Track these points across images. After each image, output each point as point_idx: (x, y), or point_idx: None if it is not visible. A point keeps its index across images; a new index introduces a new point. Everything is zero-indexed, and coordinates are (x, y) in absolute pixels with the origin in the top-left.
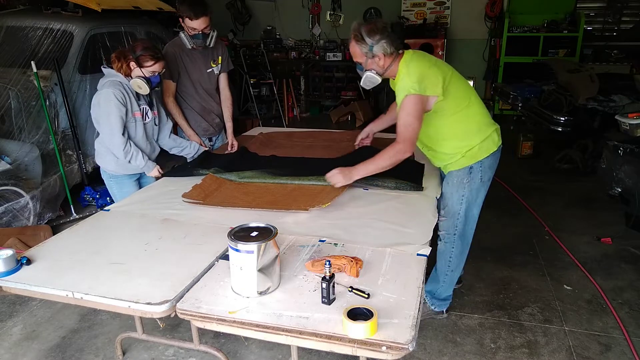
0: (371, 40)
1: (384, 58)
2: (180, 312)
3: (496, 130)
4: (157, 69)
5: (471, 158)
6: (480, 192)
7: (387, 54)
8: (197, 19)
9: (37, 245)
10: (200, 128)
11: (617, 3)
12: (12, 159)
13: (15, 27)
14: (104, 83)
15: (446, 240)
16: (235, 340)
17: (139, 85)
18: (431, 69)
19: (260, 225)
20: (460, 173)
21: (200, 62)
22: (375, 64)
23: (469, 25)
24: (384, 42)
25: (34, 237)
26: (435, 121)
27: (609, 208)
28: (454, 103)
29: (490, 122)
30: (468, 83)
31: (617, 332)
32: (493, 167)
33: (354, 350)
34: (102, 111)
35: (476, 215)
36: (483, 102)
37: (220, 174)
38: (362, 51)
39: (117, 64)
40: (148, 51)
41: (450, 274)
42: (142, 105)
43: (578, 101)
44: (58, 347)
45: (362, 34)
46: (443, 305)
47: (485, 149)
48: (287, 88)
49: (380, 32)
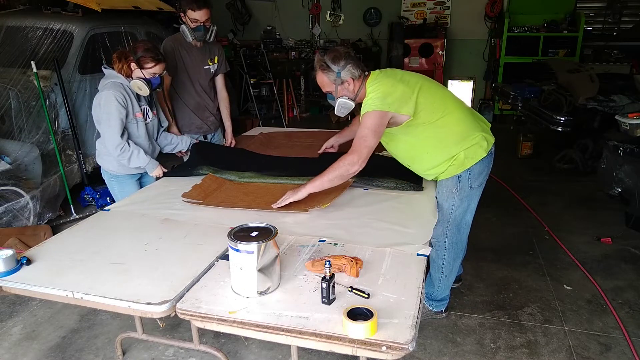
0: (337, 67)
1: (353, 82)
2: (180, 312)
3: (484, 136)
4: (158, 71)
5: (459, 167)
6: (472, 199)
7: (355, 77)
8: (199, 10)
9: (37, 245)
10: (194, 125)
11: (617, 3)
12: (12, 159)
13: (15, 27)
14: (105, 84)
15: (437, 248)
16: (235, 340)
17: (139, 86)
18: (396, 86)
19: (260, 225)
20: (449, 182)
21: (197, 59)
22: (346, 89)
23: (469, 25)
24: (349, 66)
25: (34, 237)
26: (409, 136)
27: (609, 208)
28: (426, 114)
29: (475, 127)
30: (446, 90)
31: (617, 332)
32: (484, 172)
33: (354, 350)
34: (103, 112)
35: (469, 222)
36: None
37: (220, 173)
38: (330, 79)
39: (118, 64)
40: (149, 53)
41: (444, 279)
42: (143, 106)
43: (578, 101)
44: (58, 347)
45: (326, 63)
46: (441, 305)
47: (471, 157)
48: (287, 88)
49: (344, 57)
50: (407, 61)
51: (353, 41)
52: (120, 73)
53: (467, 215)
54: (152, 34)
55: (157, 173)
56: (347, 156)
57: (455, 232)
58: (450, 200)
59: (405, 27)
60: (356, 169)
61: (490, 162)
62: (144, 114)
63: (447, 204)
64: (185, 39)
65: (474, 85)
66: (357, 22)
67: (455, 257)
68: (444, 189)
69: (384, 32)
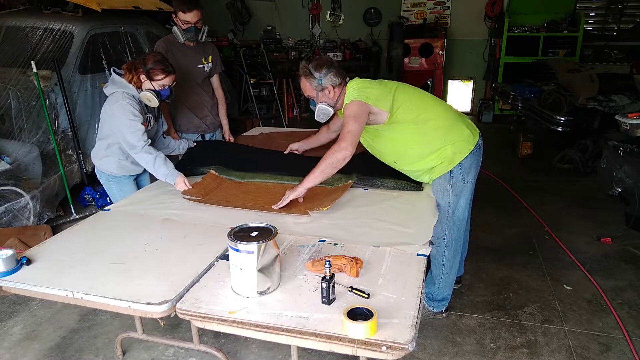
0: (319, 74)
1: (333, 90)
2: (180, 312)
3: (469, 130)
4: (168, 83)
5: (448, 164)
6: (465, 194)
7: (335, 85)
8: (189, 11)
9: (37, 245)
10: (192, 125)
11: (617, 3)
12: (12, 159)
13: (15, 27)
14: (116, 92)
15: (438, 244)
16: (235, 340)
17: (148, 98)
18: (372, 84)
19: (260, 225)
20: (442, 180)
21: (191, 58)
22: (326, 96)
23: (469, 25)
24: (331, 74)
25: (34, 237)
26: (393, 132)
27: (609, 208)
28: (405, 111)
29: (458, 121)
30: (422, 92)
31: (617, 332)
32: (475, 166)
33: (354, 350)
34: (122, 123)
35: (466, 217)
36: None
37: (221, 171)
38: (312, 85)
39: (129, 75)
40: (159, 65)
41: (445, 277)
42: (147, 115)
43: (578, 101)
44: (58, 347)
45: (310, 70)
46: (441, 306)
47: (459, 152)
48: (287, 88)
49: (326, 66)
50: (407, 61)
51: (353, 41)
52: (131, 83)
53: (463, 211)
54: (152, 34)
55: (181, 187)
56: (333, 146)
57: (454, 229)
58: (446, 198)
59: (405, 27)
60: (345, 155)
61: (480, 155)
62: (148, 123)
63: (443, 202)
64: (177, 40)
65: (474, 86)
66: (357, 22)
67: (455, 254)
68: (438, 187)
69: (384, 32)
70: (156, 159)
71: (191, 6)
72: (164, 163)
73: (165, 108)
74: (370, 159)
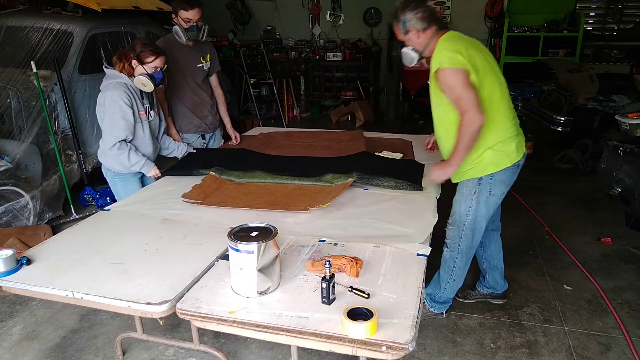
0: (402, 16)
1: (419, 34)
2: (180, 312)
3: (516, 147)
4: (159, 64)
5: (481, 170)
6: (488, 205)
7: (419, 29)
8: (191, 9)
9: (37, 245)
10: (192, 125)
11: (617, 3)
12: (12, 158)
13: (15, 27)
14: (108, 84)
15: (452, 249)
16: (235, 340)
17: (142, 82)
18: (467, 51)
19: (260, 225)
20: (470, 184)
21: (190, 57)
22: (411, 40)
23: (469, 25)
24: (415, 17)
25: (34, 237)
26: (450, 115)
27: (609, 208)
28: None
29: (511, 138)
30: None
31: (617, 332)
32: (506, 183)
33: (354, 350)
34: (107, 111)
35: (483, 228)
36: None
37: (220, 173)
38: (398, 28)
39: (119, 64)
40: (148, 47)
41: (452, 283)
42: (145, 105)
43: (578, 101)
44: (58, 347)
45: (397, 11)
46: (442, 307)
47: (496, 163)
48: (287, 88)
49: (411, 7)
50: None
51: (353, 41)
52: (123, 73)
53: (482, 221)
54: (152, 34)
55: (154, 174)
56: (461, 121)
57: (470, 237)
58: (468, 202)
59: None
60: (479, 121)
61: (515, 174)
62: (146, 112)
63: (464, 205)
64: (176, 40)
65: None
66: (357, 22)
67: (467, 263)
68: (464, 189)
69: (384, 32)
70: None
71: (193, 3)
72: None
73: (164, 108)
74: (370, 158)
